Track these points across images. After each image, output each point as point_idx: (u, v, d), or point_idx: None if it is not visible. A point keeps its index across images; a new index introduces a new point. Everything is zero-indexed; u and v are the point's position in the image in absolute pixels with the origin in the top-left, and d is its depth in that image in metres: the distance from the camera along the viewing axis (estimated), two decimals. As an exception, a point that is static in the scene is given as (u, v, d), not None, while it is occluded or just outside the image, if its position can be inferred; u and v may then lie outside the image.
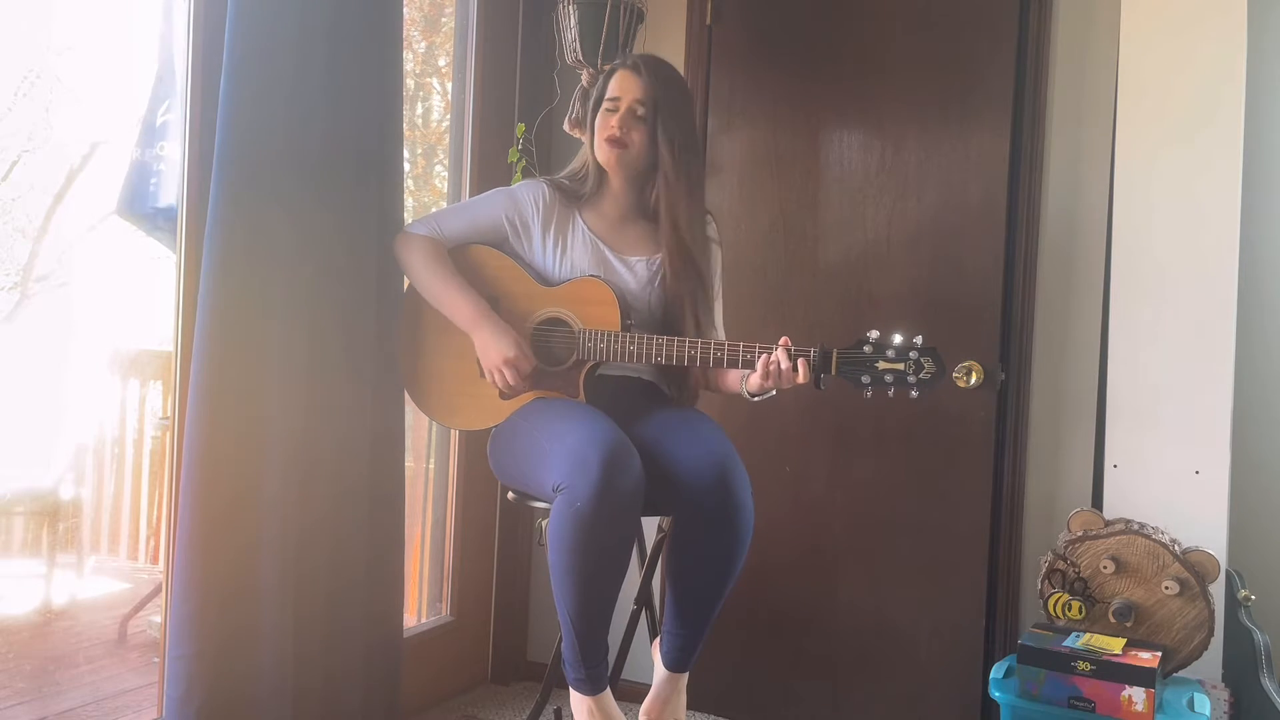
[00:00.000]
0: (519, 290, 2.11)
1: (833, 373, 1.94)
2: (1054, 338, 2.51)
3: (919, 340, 1.92)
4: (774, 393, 2.01)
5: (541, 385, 2.08)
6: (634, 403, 2.11)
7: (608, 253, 2.13)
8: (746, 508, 1.95)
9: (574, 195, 2.16)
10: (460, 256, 2.14)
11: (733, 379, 2.11)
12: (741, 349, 1.97)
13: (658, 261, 2.14)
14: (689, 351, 2.00)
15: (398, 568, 2.30)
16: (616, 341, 2.03)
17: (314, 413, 2.07)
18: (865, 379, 1.93)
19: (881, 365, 1.92)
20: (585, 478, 1.80)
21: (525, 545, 2.98)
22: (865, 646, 2.64)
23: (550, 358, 2.09)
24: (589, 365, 2.06)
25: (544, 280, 2.12)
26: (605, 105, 2.12)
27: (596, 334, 2.04)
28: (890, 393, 1.93)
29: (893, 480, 2.62)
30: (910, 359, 1.91)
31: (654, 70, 2.11)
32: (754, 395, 2.04)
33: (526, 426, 2.04)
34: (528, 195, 2.15)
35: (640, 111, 2.09)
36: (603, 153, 2.11)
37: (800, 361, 1.93)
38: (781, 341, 1.95)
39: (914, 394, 1.92)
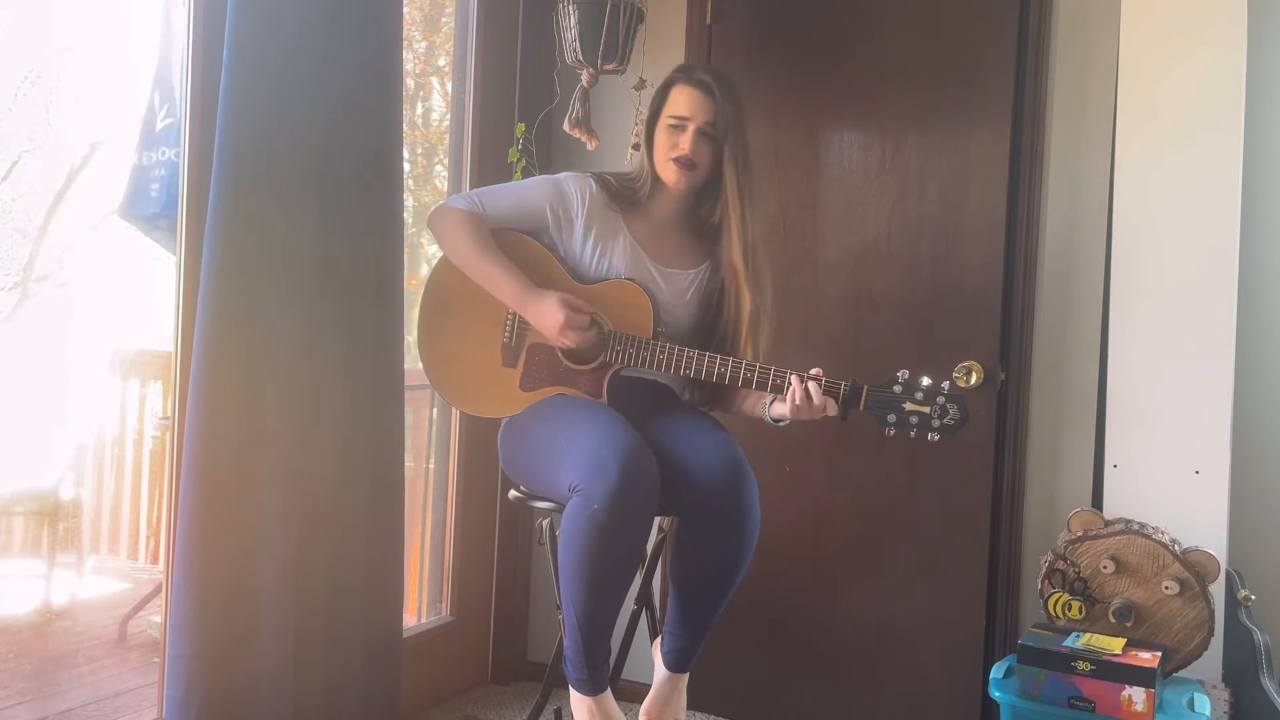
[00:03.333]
0: (554, 284, 2.07)
1: (861, 409, 1.95)
2: (1054, 338, 2.51)
3: (946, 385, 1.94)
4: (789, 420, 2.01)
5: (564, 383, 2.07)
6: (646, 402, 2.10)
7: (648, 261, 2.11)
8: (754, 512, 1.96)
9: (624, 199, 2.13)
10: (495, 241, 2.10)
11: (752, 401, 2.10)
12: (773, 373, 1.96)
13: (694, 275, 2.13)
14: (718, 368, 1.98)
15: (398, 568, 2.30)
16: (646, 349, 2.01)
17: (314, 413, 2.07)
18: (891, 418, 1.94)
19: (908, 406, 1.94)
20: (603, 481, 1.80)
21: (525, 545, 2.98)
22: (865, 646, 2.64)
23: (577, 356, 2.07)
24: (614, 368, 2.05)
25: (579, 277, 2.09)
26: (669, 121, 2.06)
27: (628, 338, 2.03)
28: (912, 434, 1.94)
29: (893, 480, 2.61)
30: (937, 403, 1.93)
31: (723, 89, 2.06)
32: (777, 420, 2.03)
33: (545, 425, 2.02)
34: (574, 188, 2.11)
35: (710, 131, 2.06)
36: (670, 173, 2.08)
37: (829, 401, 1.93)
38: (813, 372, 1.94)
39: (933, 437, 1.93)
